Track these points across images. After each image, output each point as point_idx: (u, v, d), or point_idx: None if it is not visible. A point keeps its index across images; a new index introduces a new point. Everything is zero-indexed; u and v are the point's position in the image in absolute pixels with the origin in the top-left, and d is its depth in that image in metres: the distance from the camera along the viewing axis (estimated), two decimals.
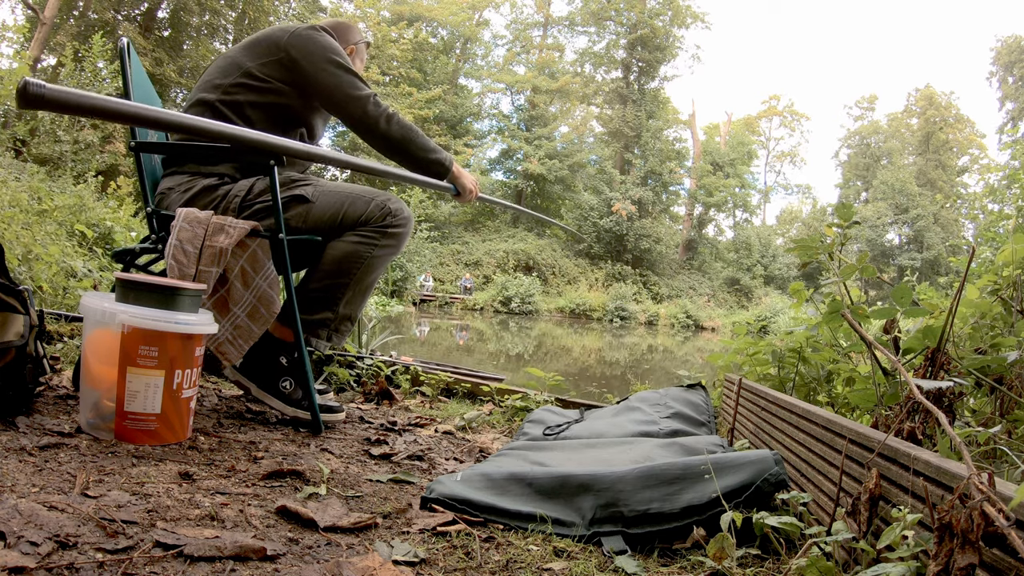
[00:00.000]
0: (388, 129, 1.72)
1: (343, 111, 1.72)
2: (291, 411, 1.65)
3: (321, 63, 1.69)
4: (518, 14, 35.99)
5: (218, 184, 1.62)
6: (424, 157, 1.80)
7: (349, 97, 1.70)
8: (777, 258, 34.47)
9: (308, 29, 1.74)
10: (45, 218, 4.27)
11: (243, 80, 1.68)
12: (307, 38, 1.71)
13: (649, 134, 31.58)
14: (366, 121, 1.71)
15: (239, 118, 1.66)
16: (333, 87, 1.69)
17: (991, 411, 1.25)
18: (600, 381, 6.73)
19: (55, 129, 13.10)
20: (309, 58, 1.69)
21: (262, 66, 1.69)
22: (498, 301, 23.45)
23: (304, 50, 1.69)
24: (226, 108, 1.66)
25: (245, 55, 1.72)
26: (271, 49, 1.70)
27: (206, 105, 1.66)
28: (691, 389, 2.23)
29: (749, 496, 1.05)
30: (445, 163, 1.84)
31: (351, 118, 1.72)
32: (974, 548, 0.60)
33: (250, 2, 21.30)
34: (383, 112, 1.72)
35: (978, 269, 2.22)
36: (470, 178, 1.95)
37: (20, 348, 1.25)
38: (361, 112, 1.71)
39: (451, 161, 1.87)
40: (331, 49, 1.72)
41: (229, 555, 0.80)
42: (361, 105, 1.70)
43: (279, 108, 1.72)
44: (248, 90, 1.68)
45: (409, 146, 1.77)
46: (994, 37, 53.30)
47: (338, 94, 1.70)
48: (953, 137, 38.85)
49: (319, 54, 1.69)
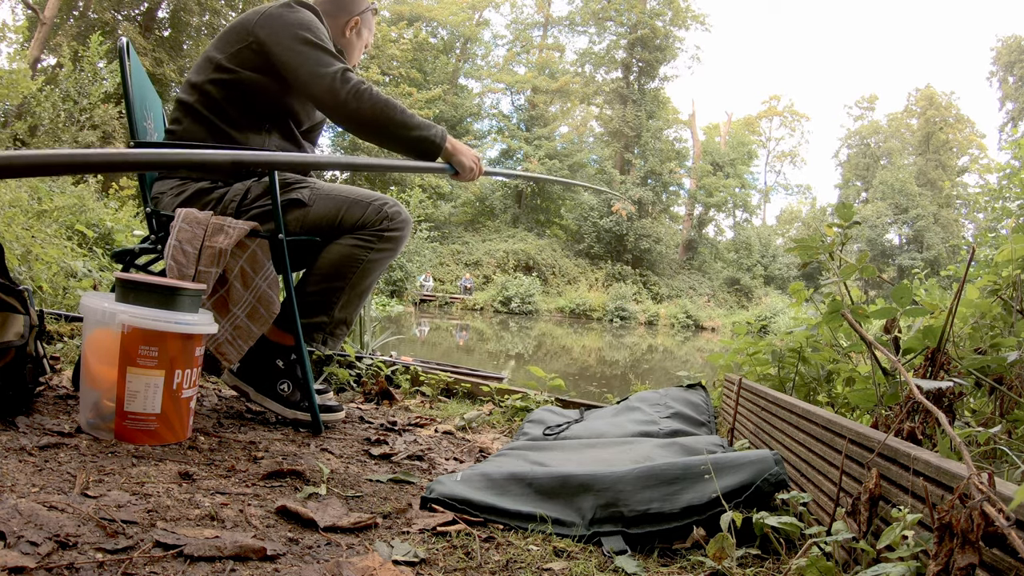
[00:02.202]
0: (358, 107, 1.52)
1: (308, 92, 1.56)
2: (290, 413, 1.65)
3: (286, 41, 1.54)
4: (518, 14, 36.04)
5: (212, 188, 1.58)
6: (406, 136, 1.58)
7: (312, 75, 1.52)
8: (777, 258, 34.48)
9: (281, 7, 1.60)
10: (45, 218, 4.27)
11: (214, 76, 1.59)
12: (275, 16, 1.57)
13: (649, 134, 31.59)
14: (331, 100, 1.52)
15: (219, 117, 1.60)
16: (296, 66, 1.54)
17: (991, 411, 1.25)
18: (600, 381, 6.73)
19: (55, 128, 13.11)
20: (274, 37, 1.56)
21: (231, 57, 1.59)
22: (498, 301, 23.45)
23: (270, 29, 1.56)
24: (204, 108, 1.60)
25: (216, 47, 1.62)
26: (241, 35, 1.59)
27: (186, 108, 1.61)
28: (691, 389, 2.23)
29: (749, 496, 1.05)
30: (435, 139, 1.62)
31: (316, 99, 1.57)
32: (974, 548, 0.60)
33: (250, 2, 21.29)
34: (351, 88, 1.52)
35: (978, 270, 2.22)
36: (469, 153, 1.72)
37: (20, 348, 1.25)
38: (324, 90, 1.52)
39: (442, 136, 1.64)
40: (299, 24, 1.56)
41: (229, 555, 0.80)
42: (325, 83, 1.51)
43: (256, 98, 1.62)
44: (220, 86, 1.59)
45: (388, 125, 1.56)
46: (994, 37, 53.36)
47: (302, 73, 1.54)
48: (953, 137, 38.84)
49: (284, 32, 1.55)
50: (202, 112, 1.60)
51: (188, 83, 1.64)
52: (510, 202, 31.99)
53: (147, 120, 1.71)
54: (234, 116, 1.62)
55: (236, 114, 1.62)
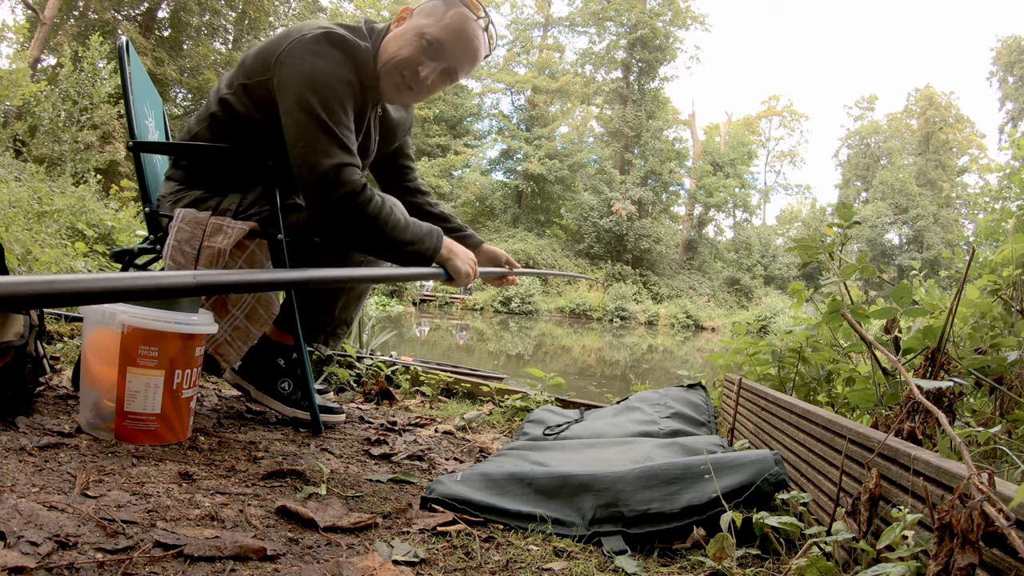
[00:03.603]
0: (349, 215, 1.34)
1: (295, 173, 1.33)
2: (290, 412, 1.65)
3: (289, 101, 1.31)
4: (518, 14, 36.00)
5: (208, 196, 1.53)
6: (396, 251, 1.40)
7: (302, 161, 1.30)
8: (777, 258, 34.49)
9: (306, 42, 1.34)
10: (45, 219, 4.28)
11: (230, 98, 1.44)
12: (295, 57, 1.33)
13: (649, 134, 31.60)
14: (316, 198, 1.33)
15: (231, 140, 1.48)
16: (292, 139, 1.31)
17: (991, 411, 1.25)
18: (600, 381, 6.73)
19: (55, 129, 13.11)
20: (282, 86, 1.33)
21: (249, 88, 1.41)
22: (498, 301, 23.45)
23: (282, 76, 1.33)
24: (218, 125, 1.48)
25: (246, 66, 1.43)
26: (264, 66, 1.38)
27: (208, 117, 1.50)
28: (691, 389, 2.23)
29: (749, 496, 1.05)
30: (426, 253, 1.41)
31: (301, 187, 1.36)
32: (974, 548, 0.60)
33: (250, 2, 21.31)
34: (343, 194, 1.31)
35: (980, 269, 2.21)
36: (465, 257, 1.49)
37: (20, 348, 1.25)
38: (311, 184, 1.30)
39: (435, 248, 1.42)
40: (310, 82, 1.31)
41: (229, 555, 0.80)
42: (314, 177, 1.29)
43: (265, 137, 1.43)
44: (233, 112, 1.45)
45: (375, 240, 1.38)
46: (994, 37, 53.35)
47: (294, 151, 1.31)
48: (953, 137, 38.86)
49: (291, 87, 1.31)
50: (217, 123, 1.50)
51: (218, 86, 1.51)
52: (510, 202, 32.00)
53: (148, 119, 1.71)
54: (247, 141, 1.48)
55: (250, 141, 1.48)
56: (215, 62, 20.42)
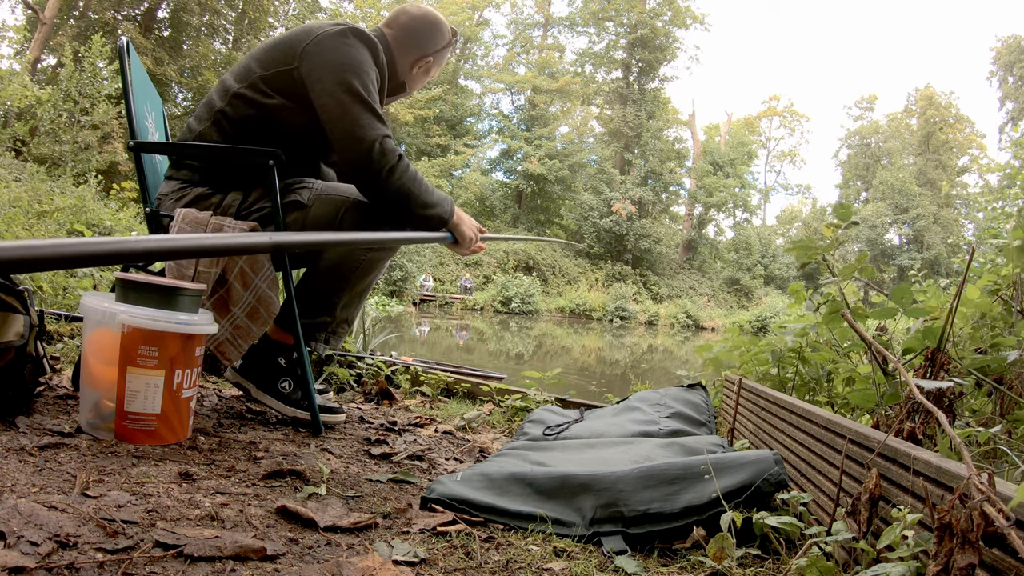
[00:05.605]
0: (388, 184, 1.45)
1: (339, 150, 1.45)
2: (290, 411, 1.65)
3: (329, 84, 1.43)
4: (518, 14, 36.05)
5: (211, 193, 1.55)
6: (422, 213, 1.52)
7: (348, 136, 1.42)
8: (777, 258, 34.50)
9: (335, 34, 1.47)
10: (45, 219, 4.28)
11: (248, 92, 1.51)
12: (325, 47, 1.45)
13: (649, 134, 31.61)
14: (363, 170, 1.44)
15: (240, 139, 1.52)
16: (334, 118, 1.43)
17: (991, 411, 1.25)
18: (600, 381, 6.73)
19: (55, 129, 13.11)
20: (316, 74, 1.44)
21: (269, 79, 1.49)
22: (498, 301, 23.45)
23: (315, 63, 1.44)
24: (228, 123, 1.53)
25: (259, 58, 1.52)
26: (287, 55, 1.48)
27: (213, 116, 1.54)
28: (691, 389, 2.23)
29: (749, 496, 1.05)
30: (444, 216, 1.56)
31: (346, 162, 1.46)
32: (974, 548, 0.60)
33: (250, 2, 21.30)
34: (388, 162, 1.44)
35: (981, 269, 2.22)
36: (470, 224, 1.65)
37: (20, 348, 1.25)
38: (358, 157, 1.42)
39: (451, 212, 1.58)
40: (347, 67, 1.44)
41: (229, 555, 0.80)
42: (362, 149, 1.42)
43: (283, 127, 1.52)
44: (249, 105, 1.51)
45: (408, 203, 1.50)
46: (994, 37, 53.39)
47: (337, 128, 1.43)
48: (953, 137, 38.88)
49: (329, 72, 1.43)
50: (225, 128, 1.53)
51: (223, 85, 1.56)
52: (510, 202, 32.02)
53: (148, 119, 1.71)
54: (258, 139, 1.53)
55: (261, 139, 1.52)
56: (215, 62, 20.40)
